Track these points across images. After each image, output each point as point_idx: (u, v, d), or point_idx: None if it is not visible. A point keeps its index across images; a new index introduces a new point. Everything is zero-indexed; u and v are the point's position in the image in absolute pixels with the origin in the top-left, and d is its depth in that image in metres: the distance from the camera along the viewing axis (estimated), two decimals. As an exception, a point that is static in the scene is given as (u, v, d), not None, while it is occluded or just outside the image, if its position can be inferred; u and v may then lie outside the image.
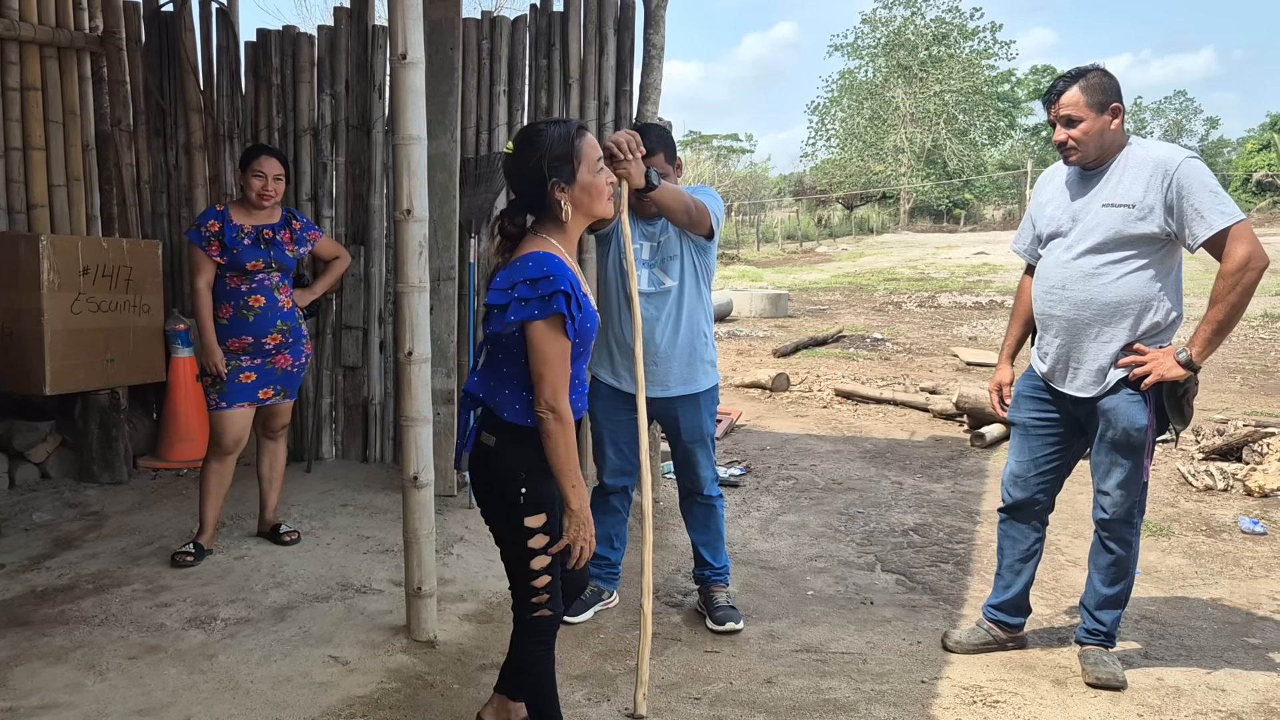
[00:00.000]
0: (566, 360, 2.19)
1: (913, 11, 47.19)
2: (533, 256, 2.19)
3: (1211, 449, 5.83)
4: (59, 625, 3.29)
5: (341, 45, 5.35)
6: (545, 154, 2.20)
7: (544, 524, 2.26)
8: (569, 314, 2.15)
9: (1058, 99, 2.91)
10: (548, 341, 2.15)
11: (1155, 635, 3.48)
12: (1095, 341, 2.98)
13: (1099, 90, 2.87)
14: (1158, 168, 2.82)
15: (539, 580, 2.30)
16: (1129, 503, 3.07)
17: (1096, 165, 2.95)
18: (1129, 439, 2.98)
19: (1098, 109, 2.87)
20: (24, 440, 4.96)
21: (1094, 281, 2.93)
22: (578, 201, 2.26)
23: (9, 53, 5.30)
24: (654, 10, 4.74)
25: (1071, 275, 2.98)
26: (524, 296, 2.15)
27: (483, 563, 4.02)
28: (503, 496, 2.25)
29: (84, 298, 4.76)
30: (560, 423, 2.17)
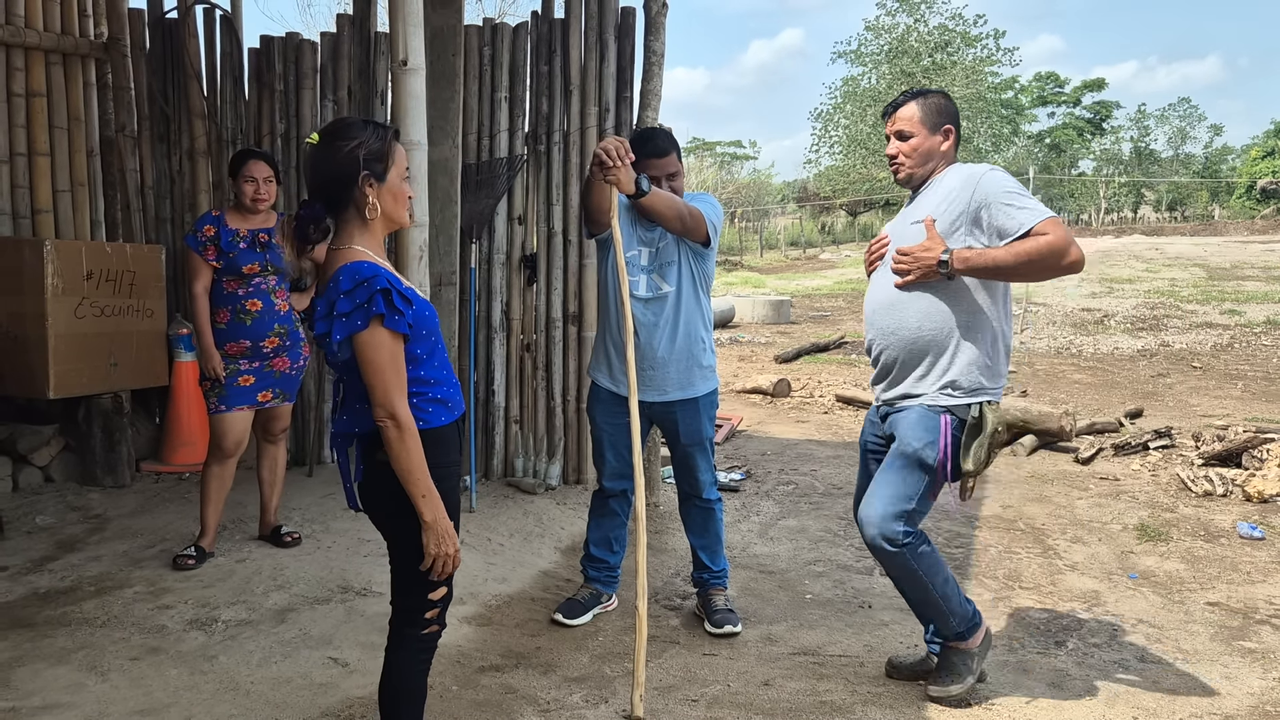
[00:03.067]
0: (399, 362, 2.07)
1: (915, 19, 47.27)
2: (343, 270, 2.07)
3: (1211, 454, 5.84)
4: (61, 626, 3.32)
5: (344, 52, 5.39)
6: (362, 146, 2.09)
7: None
8: (389, 311, 2.03)
9: (895, 112, 2.93)
10: (372, 348, 2.03)
11: (1152, 638, 3.49)
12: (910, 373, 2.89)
13: (935, 110, 2.89)
14: (965, 182, 2.81)
15: (437, 593, 2.21)
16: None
17: (922, 184, 2.94)
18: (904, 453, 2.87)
19: (931, 127, 2.88)
20: (27, 444, 4.99)
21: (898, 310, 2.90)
22: (384, 203, 2.14)
23: (14, 59, 5.35)
24: (654, 17, 4.78)
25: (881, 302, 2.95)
26: (344, 312, 2.04)
27: (482, 566, 4.04)
28: (405, 508, 2.12)
29: (87, 302, 4.79)
30: (400, 429, 2.04)
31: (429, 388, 2.17)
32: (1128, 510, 5.11)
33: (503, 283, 5.22)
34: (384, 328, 2.03)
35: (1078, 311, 14.72)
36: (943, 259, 2.75)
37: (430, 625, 2.25)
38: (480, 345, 5.22)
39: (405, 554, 2.18)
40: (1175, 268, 20.26)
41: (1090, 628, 3.59)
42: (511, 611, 3.62)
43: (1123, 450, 6.34)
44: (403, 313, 2.06)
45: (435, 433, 2.17)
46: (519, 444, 5.28)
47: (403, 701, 2.28)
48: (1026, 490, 5.55)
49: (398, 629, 2.26)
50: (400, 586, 2.24)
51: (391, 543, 2.23)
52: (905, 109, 2.90)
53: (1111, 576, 4.14)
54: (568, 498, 4.99)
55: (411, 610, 2.23)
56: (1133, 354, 11.18)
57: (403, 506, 2.12)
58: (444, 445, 2.20)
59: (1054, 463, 6.20)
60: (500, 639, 3.37)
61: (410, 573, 2.18)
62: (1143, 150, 57.75)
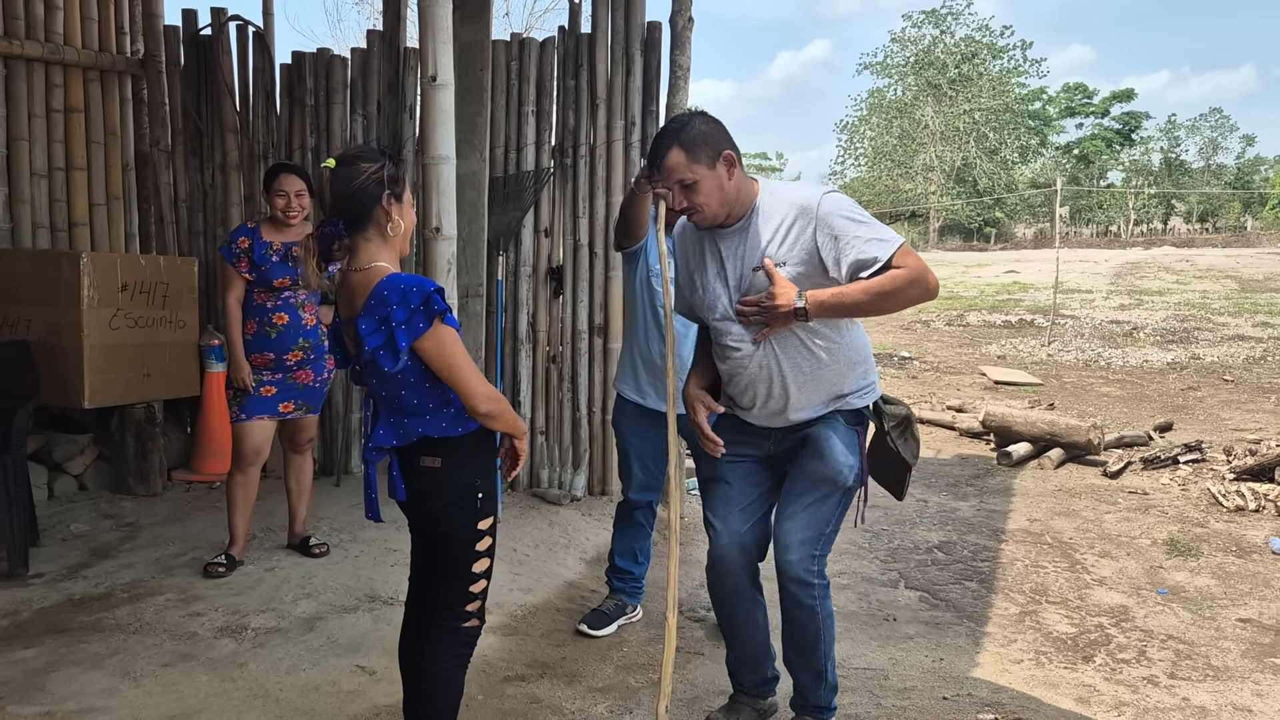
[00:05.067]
0: (462, 347, 2.18)
1: (942, 30, 47.20)
2: (384, 284, 2.13)
3: (1243, 469, 5.77)
4: (95, 632, 3.37)
5: (374, 67, 5.46)
6: (383, 167, 2.21)
7: (490, 525, 2.32)
8: (444, 306, 2.13)
9: (661, 164, 2.46)
10: (445, 344, 2.13)
11: (1182, 655, 3.46)
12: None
13: (704, 140, 2.45)
14: (801, 213, 2.45)
15: (477, 585, 2.32)
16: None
17: (731, 224, 2.54)
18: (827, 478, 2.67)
19: (709, 163, 2.45)
20: (63, 452, 5.07)
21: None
22: (404, 222, 2.26)
23: (54, 76, 5.47)
24: (680, 32, 4.82)
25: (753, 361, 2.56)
26: (401, 320, 2.10)
27: (508, 576, 4.06)
28: (462, 507, 2.26)
29: (122, 313, 4.87)
30: (502, 403, 2.22)
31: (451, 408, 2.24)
32: (1157, 525, 5.07)
33: (529, 294, 5.26)
34: (444, 324, 2.14)
35: (1106, 324, 14.59)
36: (799, 307, 2.40)
37: (471, 619, 2.33)
38: (506, 356, 5.26)
39: (456, 551, 2.30)
40: (1206, 279, 20.04)
41: (1119, 643, 3.56)
42: (537, 622, 3.64)
43: (1152, 464, 6.28)
44: (450, 311, 2.17)
45: (478, 434, 2.27)
46: (544, 455, 5.31)
47: (440, 697, 2.35)
48: (1054, 504, 5.51)
49: (438, 624, 2.34)
50: (442, 583, 2.34)
51: (439, 541, 2.33)
52: (669, 159, 2.44)
53: (1140, 592, 4.11)
54: (593, 509, 5.01)
55: (453, 604, 2.32)
56: (1162, 367, 11.07)
57: (460, 505, 2.26)
58: (487, 442, 2.32)
59: (1082, 476, 6.15)
60: (526, 649, 3.39)
61: (457, 565, 2.30)
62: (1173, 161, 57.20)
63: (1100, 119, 58.50)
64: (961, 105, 45.23)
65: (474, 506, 2.27)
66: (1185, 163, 58.14)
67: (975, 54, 46.49)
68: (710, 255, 2.58)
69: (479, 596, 2.34)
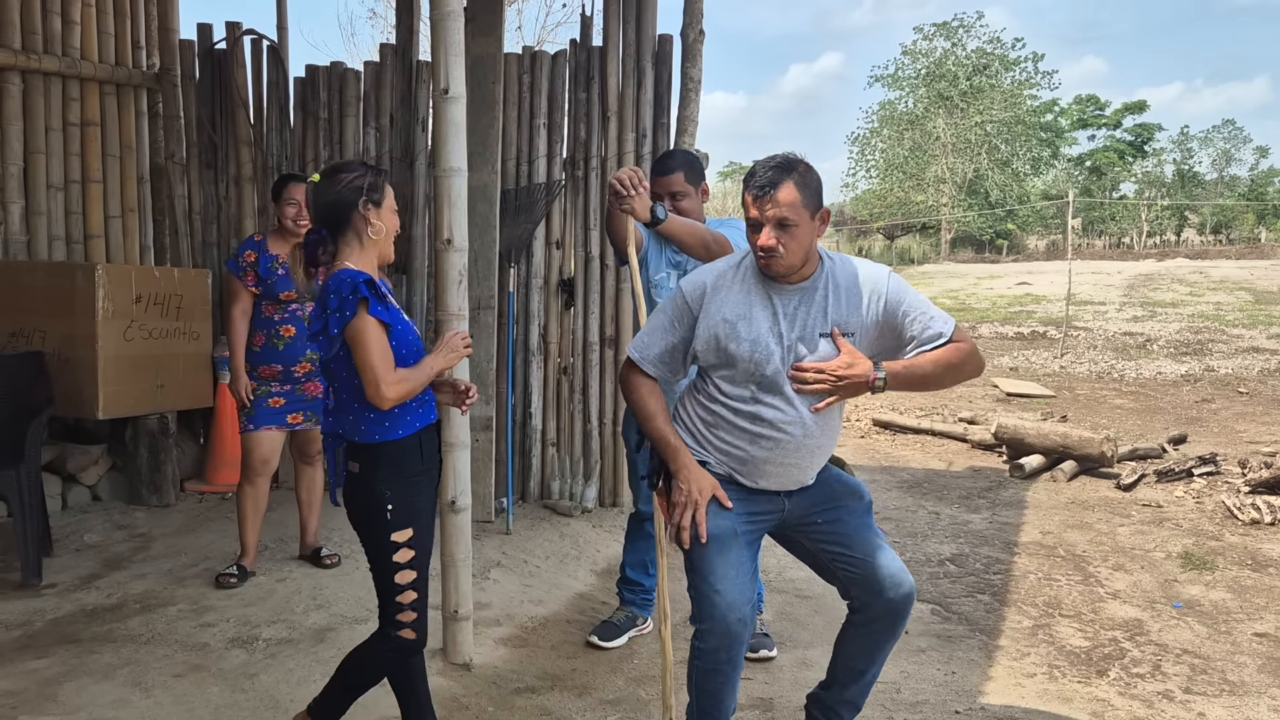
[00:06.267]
0: (387, 349, 2.27)
1: (953, 43, 47.20)
2: (332, 276, 2.32)
3: (1258, 482, 5.72)
4: (107, 643, 3.38)
5: (386, 80, 5.50)
6: (362, 177, 2.37)
7: (409, 538, 2.36)
8: (373, 297, 2.25)
9: (772, 193, 2.33)
10: (361, 331, 2.25)
11: (1198, 670, 3.43)
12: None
13: (814, 190, 2.38)
14: (869, 285, 2.45)
15: (405, 595, 2.38)
16: None
17: (796, 280, 2.44)
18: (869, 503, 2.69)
19: (812, 212, 2.37)
20: (76, 463, 5.10)
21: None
22: (382, 228, 2.39)
23: (70, 90, 5.52)
24: (691, 45, 4.83)
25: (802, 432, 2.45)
26: (334, 307, 2.26)
27: (519, 588, 4.06)
28: (372, 515, 2.35)
29: (136, 325, 4.91)
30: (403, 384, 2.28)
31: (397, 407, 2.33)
32: (1171, 538, 5.03)
33: (540, 306, 5.27)
34: (370, 315, 2.25)
35: (1119, 335, 14.52)
36: (880, 376, 2.38)
37: (404, 627, 2.41)
38: (518, 368, 5.27)
39: (376, 558, 2.39)
40: (1220, 291, 19.94)
41: (1133, 657, 3.53)
42: (547, 633, 3.64)
43: (1166, 476, 6.23)
44: (386, 306, 2.28)
45: (395, 444, 2.37)
46: (555, 466, 5.31)
47: (350, 675, 2.48)
48: (1067, 516, 5.48)
49: (379, 628, 2.45)
50: (377, 589, 2.43)
51: (368, 552, 2.42)
52: (784, 190, 2.32)
53: (1155, 605, 4.08)
54: (604, 520, 5.01)
55: (388, 611, 2.41)
56: (1176, 379, 11.00)
57: (370, 514, 2.35)
58: (406, 454, 2.39)
59: (1095, 489, 6.11)
60: (536, 661, 3.38)
61: (380, 575, 2.39)
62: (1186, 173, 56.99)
63: (1113, 131, 58.35)
64: (973, 117, 45.18)
65: (384, 518, 2.33)
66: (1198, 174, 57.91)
67: (987, 66, 46.45)
68: (762, 307, 2.44)
69: (409, 607, 2.39)
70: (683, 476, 2.45)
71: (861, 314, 2.45)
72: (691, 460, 2.48)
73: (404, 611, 2.39)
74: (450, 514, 3.22)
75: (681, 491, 2.44)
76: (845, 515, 2.58)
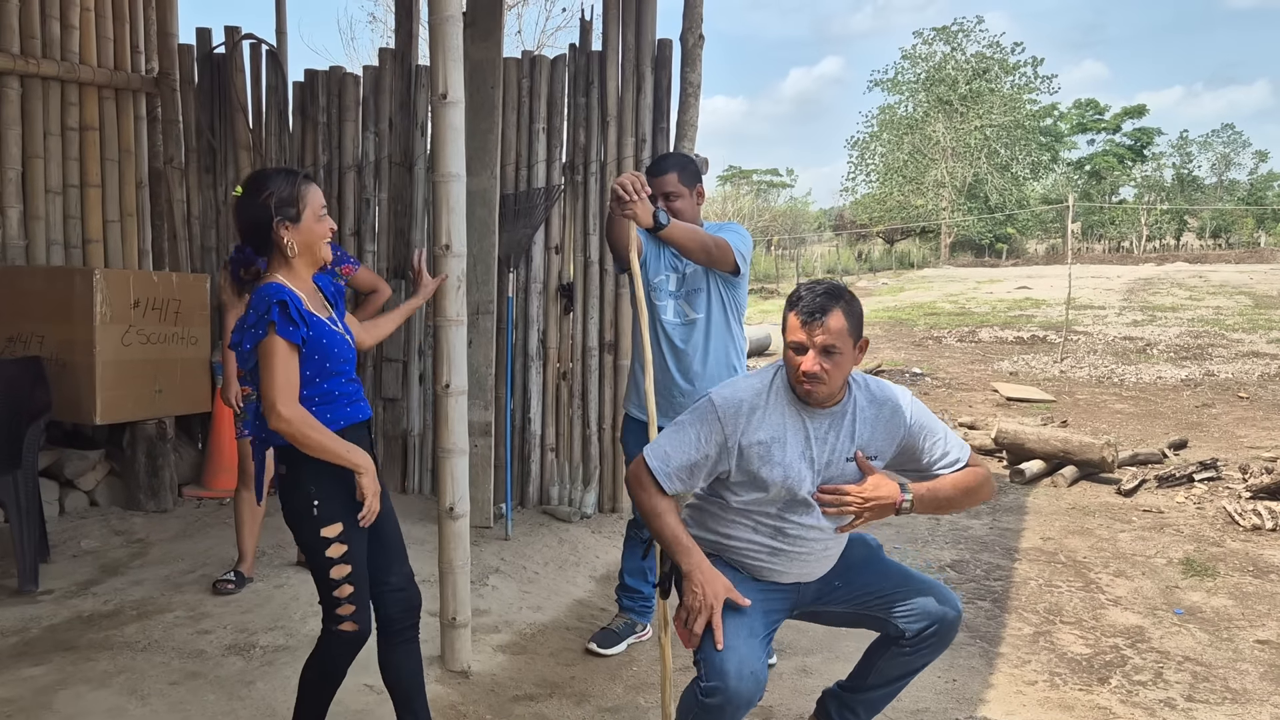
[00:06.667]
0: (290, 369, 2.30)
1: (953, 47, 47.26)
2: (255, 293, 2.35)
3: (1260, 487, 5.71)
4: (103, 650, 3.36)
5: (385, 85, 5.49)
6: (272, 195, 2.36)
7: (340, 533, 2.40)
8: (283, 321, 2.27)
9: (822, 319, 2.31)
10: (265, 353, 2.29)
11: (1199, 677, 3.41)
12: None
13: (858, 318, 2.38)
14: (891, 410, 2.49)
15: (340, 590, 2.42)
16: None
17: (829, 405, 2.45)
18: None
19: (854, 340, 2.37)
20: (74, 468, 5.09)
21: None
22: (301, 242, 2.40)
23: (69, 94, 5.52)
24: (691, 49, 4.83)
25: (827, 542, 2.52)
26: (251, 324, 2.31)
27: (517, 594, 4.05)
28: (301, 513, 2.41)
29: (134, 330, 4.89)
30: (290, 424, 2.28)
31: (310, 405, 2.39)
32: (1172, 544, 5.01)
33: (540, 311, 5.26)
34: (279, 336, 2.28)
35: (1119, 340, 14.52)
36: (907, 499, 2.43)
37: (344, 621, 2.44)
38: (517, 373, 5.25)
39: (310, 555, 2.44)
40: (1220, 296, 19.93)
41: (1135, 665, 3.51)
42: (546, 640, 3.62)
43: (1167, 482, 6.22)
44: (298, 325, 2.30)
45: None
46: (555, 472, 5.29)
47: (310, 684, 2.52)
48: (1067, 522, 5.46)
49: (323, 626, 2.50)
50: (316, 586, 2.48)
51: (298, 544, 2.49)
52: (834, 317, 2.31)
53: (1156, 612, 4.06)
54: (603, 526, 4.99)
55: (328, 607, 2.46)
56: (1176, 383, 10.99)
57: (298, 512, 2.41)
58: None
59: (1095, 494, 6.09)
60: (534, 668, 3.37)
61: (316, 571, 2.44)
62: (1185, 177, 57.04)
63: (1112, 135, 58.42)
64: (973, 121, 45.23)
65: (311, 514, 2.39)
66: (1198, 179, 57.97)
67: (986, 70, 46.51)
68: (795, 430, 2.42)
69: (347, 600, 2.43)
70: (696, 579, 2.35)
71: (886, 438, 2.49)
72: (705, 561, 2.39)
73: (342, 605, 2.43)
74: (448, 521, 3.20)
75: (695, 595, 2.33)
76: (856, 565, 2.60)
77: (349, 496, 2.41)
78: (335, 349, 2.42)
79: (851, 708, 2.72)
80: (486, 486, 4.94)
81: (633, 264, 3.04)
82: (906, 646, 2.56)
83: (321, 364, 2.39)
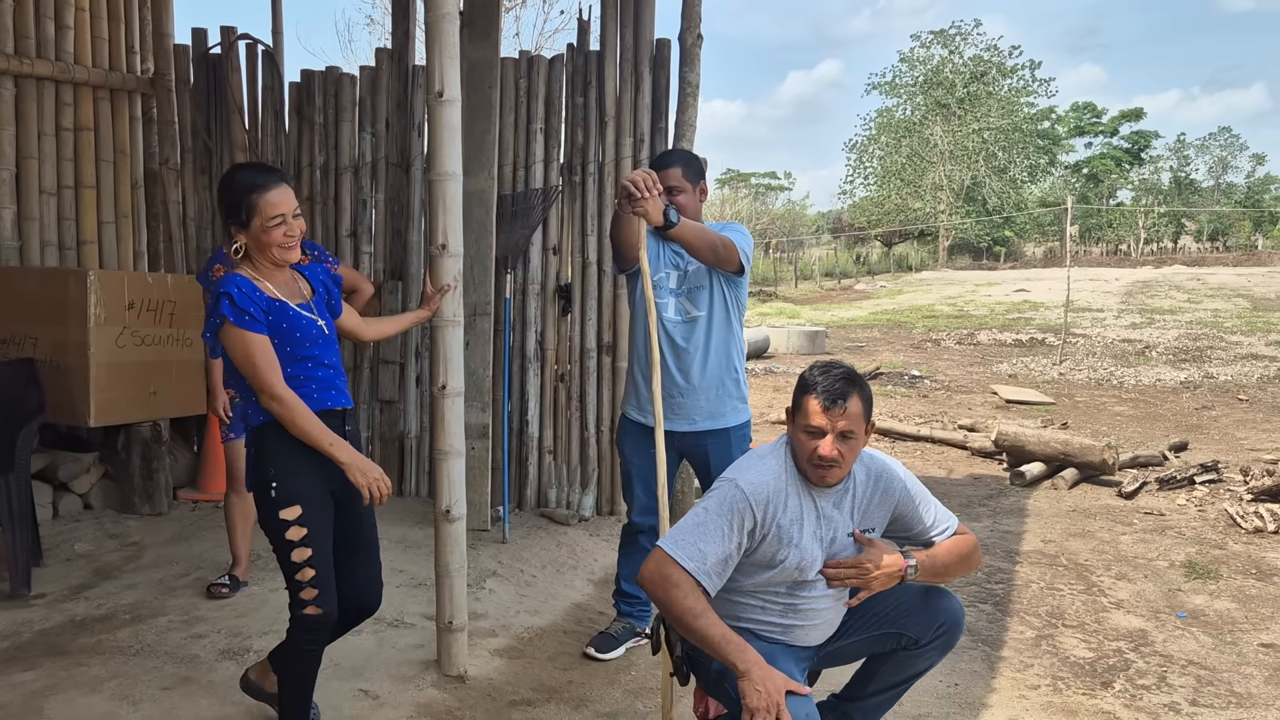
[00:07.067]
0: (266, 353, 2.39)
1: (950, 50, 47.29)
2: (218, 282, 2.46)
3: (1261, 490, 5.68)
4: (95, 655, 3.32)
5: (382, 85, 5.46)
6: (223, 198, 2.49)
7: (299, 516, 2.43)
8: (234, 314, 2.35)
9: (844, 405, 2.31)
10: (230, 346, 2.39)
11: (1204, 681, 3.38)
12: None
13: (869, 404, 2.40)
14: (882, 483, 2.49)
15: (303, 573, 2.45)
16: None
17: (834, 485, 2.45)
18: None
19: (866, 422, 2.38)
20: (68, 471, 5.04)
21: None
22: (252, 245, 2.48)
23: (64, 95, 5.48)
24: (689, 49, 4.80)
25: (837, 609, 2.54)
26: (211, 314, 2.42)
27: (515, 598, 4.01)
28: (262, 494, 2.46)
29: (129, 331, 4.85)
30: (286, 406, 2.38)
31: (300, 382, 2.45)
32: (1174, 546, 4.98)
33: (537, 313, 5.23)
34: (236, 327, 2.37)
35: (1118, 342, 14.50)
36: (911, 565, 2.45)
37: (307, 605, 2.47)
38: (515, 375, 5.22)
39: (271, 538, 2.47)
40: (1218, 298, 19.92)
41: (1138, 669, 3.48)
42: (543, 644, 3.58)
43: (1168, 484, 6.19)
44: (250, 314, 2.37)
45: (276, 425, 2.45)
46: (552, 475, 5.26)
47: (286, 680, 2.57)
48: (1068, 524, 5.43)
49: (290, 607, 2.53)
50: (281, 570, 2.52)
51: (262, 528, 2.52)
52: (853, 403, 2.32)
53: (1159, 615, 4.03)
54: (601, 529, 4.96)
55: (292, 590, 2.49)
56: (1175, 386, 10.97)
57: (259, 493, 2.46)
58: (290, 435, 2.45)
59: (1096, 496, 6.06)
60: (532, 672, 3.33)
61: (278, 554, 2.48)
62: (1182, 180, 57.11)
63: (1109, 138, 58.50)
64: (970, 125, 45.25)
65: (269, 496, 2.43)
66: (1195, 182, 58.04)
67: (984, 74, 46.53)
68: (808, 512, 2.41)
69: (309, 584, 2.45)
70: (755, 677, 2.19)
71: (882, 511, 2.51)
72: (760, 658, 2.24)
73: (304, 589, 2.45)
74: (445, 523, 3.17)
75: (760, 695, 2.17)
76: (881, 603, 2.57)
77: (311, 478, 2.44)
78: (298, 333, 2.47)
79: (849, 715, 2.68)
80: (484, 489, 4.90)
81: (643, 262, 2.98)
82: (914, 648, 2.54)
83: (283, 347, 2.45)
